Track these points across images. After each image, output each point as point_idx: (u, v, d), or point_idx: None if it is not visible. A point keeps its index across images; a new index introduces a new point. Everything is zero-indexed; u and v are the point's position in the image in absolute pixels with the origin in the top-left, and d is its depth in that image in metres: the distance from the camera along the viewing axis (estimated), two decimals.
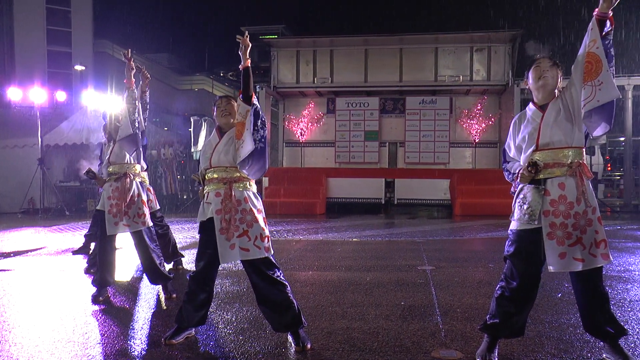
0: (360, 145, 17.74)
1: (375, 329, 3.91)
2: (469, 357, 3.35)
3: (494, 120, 17.41)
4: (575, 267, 3.11)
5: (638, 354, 3.41)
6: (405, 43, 17.49)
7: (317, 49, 17.82)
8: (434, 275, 5.97)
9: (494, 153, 17.70)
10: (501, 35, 16.92)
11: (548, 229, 3.13)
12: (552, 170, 3.16)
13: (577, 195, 3.11)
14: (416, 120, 17.58)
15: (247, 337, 3.78)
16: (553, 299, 4.94)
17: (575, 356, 3.36)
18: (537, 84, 3.24)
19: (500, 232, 10.34)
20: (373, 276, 6.00)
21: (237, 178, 3.60)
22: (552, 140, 3.17)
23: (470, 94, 17.68)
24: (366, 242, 8.98)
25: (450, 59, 17.38)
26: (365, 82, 17.52)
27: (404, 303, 4.71)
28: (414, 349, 3.50)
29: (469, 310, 4.50)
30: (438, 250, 8.08)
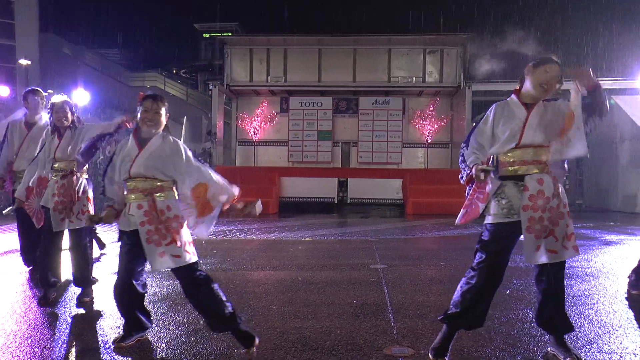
0: (314, 144, 17.78)
1: (328, 328, 3.91)
2: (421, 353, 3.39)
3: (446, 121, 17.71)
4: (549, 259, 3.23)
5: (579, 346, 3.52)
6: (359, 44, 17.61)
7: (271, 48, 17.76)
8: (386, 274, 6.01)
9: (446, 153, 18.01)
10: (453, 39, 17.22)
11: (527, 223, 3.22)
12: (530, 167, 3.27)
13: (553, 191, 3.23)
14: (369, 121, 17.73)
15: (199, 338, 3.72)
16: (502, 295, 5.04)
17: (522, 350, 3.44)
18: (538, 89, 3.29)
19: (452, 231, 10.51)
20: (326, 275, 6.00)
21: (158, 188, 3.50)
22: (534, 141, 3.27)
23: (423, 95, 17.94)
24: (319, 241, 8.99)
25: (404, 60, 17.59)
26: (319, 82, 17.55)
27: (356, 301, 4.73)
28: (367, 346, 3.52)
29: (421, 307, 4.55)
30: (390, 249, 8.15)
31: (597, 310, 4.47)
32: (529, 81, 3.33)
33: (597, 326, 4.03)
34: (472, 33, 17.11)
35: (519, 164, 3.29)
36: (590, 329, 3.92)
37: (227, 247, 8.20)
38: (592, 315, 4.29)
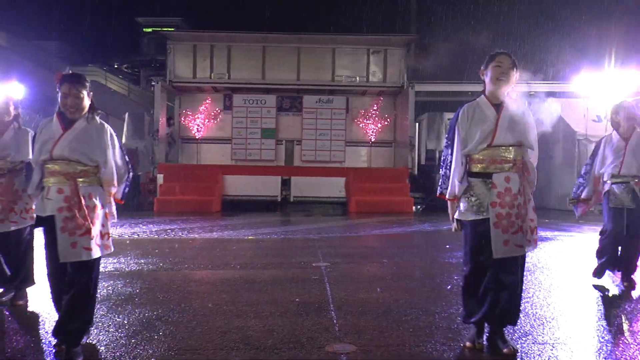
0: (257, 142, 17.69)
1: (270, 326, 3.92)
2: (362, 349, 3.43)
3: (389, 120, 17.93)
4: (517, 253, 3.37)
5: (515, 338, 3.65)
6: (303, 42, 17.61)
7: (214, 44, 17.55)
8: (328, 272, 6.06)
9: (389, 152, 18.23)
10: (397, 39, 17.45)
11: (495, 218, 3.35)
12: (498, 165, 3.41)
13: (519, 187, 3.37)
14: (313, 119, 17.77)
15: (139, 340, 3.66)
16: (443, 291, 5.18)
17: (462, 344, 3.53)
18: (496, 82, 3.43)
19: (394, 228, 10.67)
20: (268, 274, 6.00)
21: (81, 173, 3.36)
22: (505, 141, 3.42)
23: (367, 94, 18.10)
24: (262, 239, 8.97)
25: (348, 59, 17.69)
26: (263, 80, 17.47)
27: (299, 300, 4.75)
28: (309, 344, 3.55)
29: (363, 304, 4.61)
30: (333, 247, 8.21)
31: (532, 303, 4.65)
32: (488, 80, 3.48)
33: (533, 318, 4.19)
34: (416, 34, 17.39)
35: (489, 162, 3.43)
36: (526, 321, 4.07)
37: (169, 246, 8.08)
38: (527, 308, 4.45)
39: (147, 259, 6.78)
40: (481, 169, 3.43)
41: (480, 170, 3.43)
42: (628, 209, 5.33)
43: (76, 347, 3.30)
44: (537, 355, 3.36)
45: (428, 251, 8.13)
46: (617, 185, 5.38)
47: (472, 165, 3.46)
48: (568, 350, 3.48)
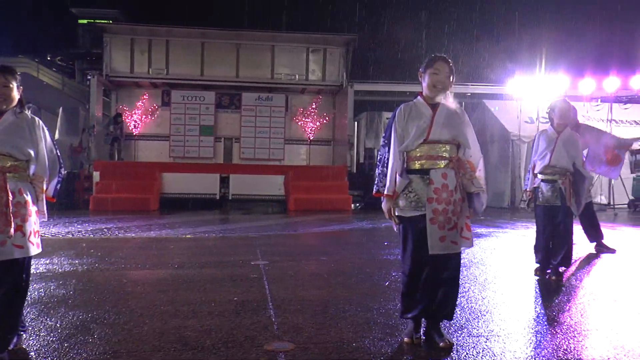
0: (196, 139, 17.51)
1: (208, 326, 3.90)
2: (301, 347, 3.46)
3: (328, 119, 18.07)
4: (452, 250, 3.44)
5: (451, 332, 3.75)
6: (242, 39, 17.53)
7: (152, 39, 17.24)
8: (267, 270, 6.07)
9: (328, 151, 18.37)
10: (337, 39, 17.60)
11: (431, 214, 3.41)
12: (436, 162, 3.48)
13: (455, 184, 3.45)
14: (252, 117, 17.72)
15: (72, 343, 3.56)
16: (381, 287, 5.27)
17: (399, 340, 3.61)
18: (433, 90, 3.52)
19: (333, 226, 10.77)
20: (207, 273, 5.96)
21: (11, 167, 3.23)
22: (441, 137, 3.49)
23: (306, 93, 18.19)
24: (200, 238, 8.89)
25: (287, 57, 17.72)
26: (202, 76, 17.30)
27: (237, 299, 4.74)
28: (247, 343, 3.55)
29: (302, 302, 4.64)
30: (272, 245, 8.22)
31: (467, 298, 4.79)
32: (425, 85, 3.56)
33: (468, 312, 4.32)
34: (355, 34, 17.57)
35: (426, 158, 3.50)
36: (461, 315, 4.19)
37: (105, 245, 7.91)
38: (463, 303, 4.58)
39: (82, 259, 6.62)
40: (419, 165, 3.51)
41: (418, 167, 3.51)
42: (555, 206, 5.66)
43: (2, 352, 3.19)
44: (472, 348, 3.47)
45: (366, 248, 8.25)
46: (545, 183, 5.72)
47: (410, 162, 3.54)
48: (501, 342, 3.61)
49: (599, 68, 17.98)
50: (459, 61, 25.37)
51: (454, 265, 3.52)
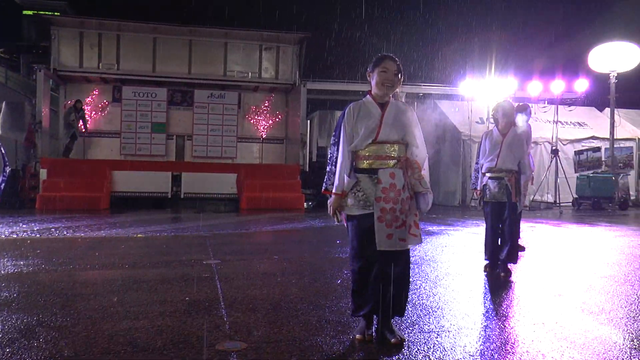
0: (147, 137, 17.22)
1: (159, 327, 3.86)
2: (253, 346, 3.46)
3: (281, 117, 18.05)
4: (400, 247, 3.50)
5: (403, 328, 3.82)
6: (195, 35, 17.33)
7: (103, 33, 16.85)
8: (219, 269, 6.04)
9: (281, 149, 18.35)
10: (290, 37, 17.57)
11: (379, 213, 3.47)
12: (384, 161, 3.54)
13: (403, 183, 3.51)
14: (204, 114, 17.55)
15: (15, 348, 3.45)
16: (333, 285, 5.31)
17: (351, 337, 3.65)
18: (381, 88, 3.57)
19: (285, 225, 10.78)
20: (158, 273, 5.90)
21: None
22: (389, 137, 3.55)
23: (259, 91, 18.12)
24: (152, 237, 8.77)
25: (240, 55, 17.62)
26: (154, 72, 17.02)
27: (188, 298, 4.70)
28: (199, 343, 3.53)
29: (253, 301, 4.64)
30: (224, 244, 8.18)
31: (419, 294, 4.88)
32: (373, 83, 3.61)
33: (419, 308, 4.41)
34: (308, 32, 17.59)
35: (374, 158, 3.55)
36: (413, 312, 4.27)
37: (52, 245, 7.72)
38: (415, 299, 4.67)
39: (27, 260, 6.44)
40: (367, 165, 3.56)
41: (367, 166, 3.56)
42: (501, 203, 5.85)
43: None
44: (423, 344, 3.54)
45: (319, 246, 8.30)
46: (492, 180, 5.90)
47: (359, 161, 3.59)
48: (452, 337, 3.69)
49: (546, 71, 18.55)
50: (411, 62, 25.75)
51: (403, 262, 3.58)
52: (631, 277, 5.78)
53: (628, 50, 15.90)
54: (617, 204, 15.44)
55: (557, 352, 3.41)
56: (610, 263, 6.67)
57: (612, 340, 3.66)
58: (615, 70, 15.94)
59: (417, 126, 3.66)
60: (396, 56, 3.64)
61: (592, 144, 17.09)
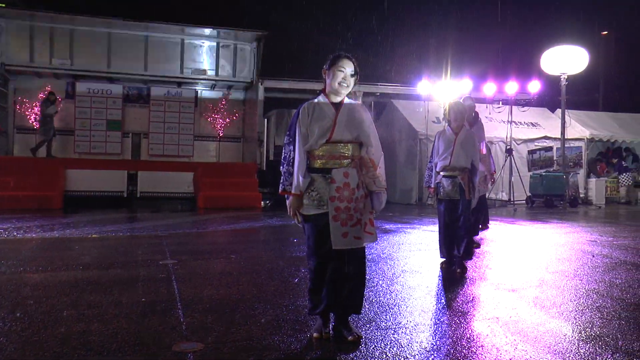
0: (102, 134, 16.90)
1: (114, 329, 3.80)
2: (210, 347, 3.44)
3: (238, 115, 17.95)
4: (355, 245, 3.52)
5: (360, 325, 3.86)
6: (151, 31, 17.09)
7: (55, 27, 16.44)
8: (176, 269, 5.98)
9: (238, 147, 18.26)
10: (247, 35, 17.49)
11: (333, 212, 3.48)
12: (337, 161, 3.54)
13: (357, 182, 3.52)
14: (161, 112, 17.33)
15: None
16: (290, 284, 5.32)
17: (308, 336, 3.65)
18: (337, 87, 3.58)
19: (242, 224, 10.73)
20: (113, 274, 5.80)
21: None
22: (343, 137, 3.56)
23: (216, 88, 17.98)
24: (107, 237, 8.61)
25: (197, 52, 17.46)
26: (109, 68, 16.72)
27: (144, 299, 4.64)
28: (155, 345, 3.49)
29: (210, 301, 4.61)
30: (181, 243, 8.10)
31: (376, 292, 4.93)
32: (329, 82, 3.61)
33: (377, 306, 4.45)
34: (266, 31, 17.53)
35: (328, 157, 3.56)
36: (370, 309, 4.32)
37: (1, 247, 7.51)
38: (372, 297, 4.72)
39: None
40: (321, 164, 3.57)
41: (320, 166, 3.57)
42: (455, 200, 5.98)
43: None
44: (380, 340, 3.58)
45: (276, 245, 8.29)
46: (446, 178, 6.02)
47: (313, 161, 3.59)
48: (408, 333, 3.75)
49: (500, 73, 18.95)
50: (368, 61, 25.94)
51: (359, 260, 3.61)
52: (580, 272, 5.96)
53: (577, 53, 16.36)
54: (568, 201, 15.89)
55: (511, 345, 3.50)
56: (561, 259, 6.86)
57: (562, 333, 3.78)
58: (565, 72, 16.37)
59: (372, 125, 3.69)
60: (353, 56, 3.66)
61: (544, 143, 17.53)
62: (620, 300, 4.76)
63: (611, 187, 17.92)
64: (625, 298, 4.85)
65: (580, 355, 3.34)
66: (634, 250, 7.60)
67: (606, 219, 12.70)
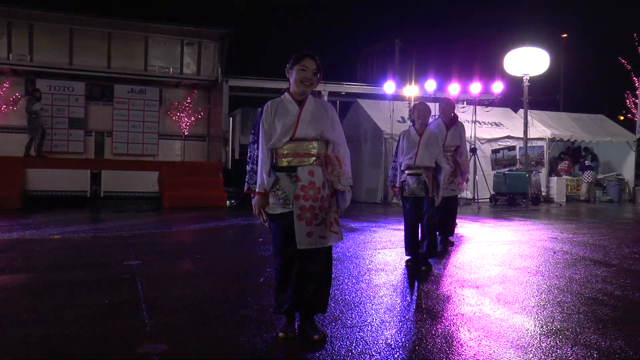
0: (64, 133, 16.55)
1: (77, 332, 3.73)
2: (175, 348, 3.42)
3: (203, 114, 17.81)
4: (320, 244, 3.52)
5: (326, 324, 3.87)
6: (114, 27, 16.81)
7: (13, 21, 16.01)
8: (140, 270, 5.90)
9: (203, 146, 18.11)
10: (211, 32, 17.35)
11: (298, 211, 3.48)
12: (302, 159, 3.53)
13: (323, 181, 3.52)
14: (125, 110, 17.07)
15: None
16: (256, 283, 5.31)
17: (275, 334, 3.66)
18: (299, 86, 3.57)
19: (208, 223, 10.65)
20: (76, 275, 5.70)
21: None
22: (307, 135, 3.54)
23: (181, 87, 17.82)
24: (69, 238, 8.44)
25: (161, 49, 17.27)
26: (70, 65, 16.38)
27: (108, 301, 4.57)
28: (119, 347, 3.45)
29: (176, 302, 4.57)
30: (146, 244, 8.00)
31: (342, 290, 4.95)
32: (292, 80, 3.60)
33: (342, 304, 4.47)
34: (231, 28, 17.42)
35: (293, 156, 3.55)
36: (336, 307, 4.34)
37: None
38: (337, 295, 4.73)
39: None
40: (286, 163, 3.56)
41: (286, 164, 3.56)
42: (420, 198, 6.08)
43: None
44: (346, 339, 3.60)
45: (241, 245, 8.25)
46: (410, 177, 6.10)
47: (278, 160, 3.59)
48: (374, 331, 3.78)
49: (465, 73, 19.20)
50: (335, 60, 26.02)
51: (324, 259, 3.62)
52: (542, 269, 6.09)
53: (539, 55, 16.66)
54: (530, 199, 16.21)
55: (475, 341, 3.55)
56: (524, 255, 6.99)
57: (524, 328, 3.87)
58: (527, 73, 16.66)
59: (337, 123, 3.70)
60: (317, 54, 3.66)
61: (507, 143, 17.81)
62: (579, 295, 4.88)
63: (571, 186, 18.33)
64: (584, 293, 4.98)
65: (542, 349, 3.42)
66: (592, 246, 7.79)
67: (567, 216, 12.99)
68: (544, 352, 3.36)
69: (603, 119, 20.83)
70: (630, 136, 19.57)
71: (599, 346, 3.50)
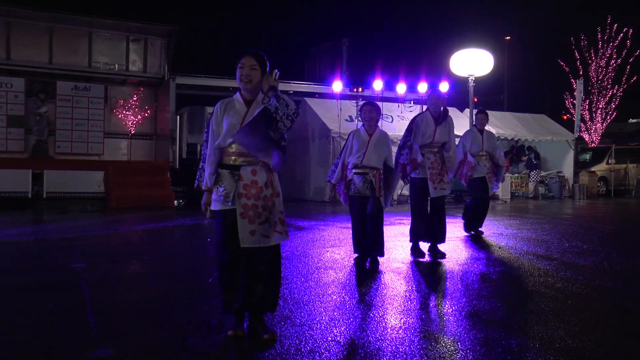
0: (3, 131, 15.97)
1: (19, 340, 3.62)
2: (122, 352, 3.37)
3: (150, 112, 17.51)
4: (264, 243, 3.55)
5: (275, 323, 3.89)
6: (56, 21, 16.32)
7: None
8: (86, 273, 5.78)
9: (150, 145, 17.83)
10: (158, 29, 17.08)
11: (241, 209, 3.51)
12: (246, 159, 3.56)
13: (266, 180, 3.56)
14: (68, 108, 16.59)
15: None
16: (205, 284, 5.28)
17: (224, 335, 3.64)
18: (240, 83, 3.61)
19: (156, 223, 10.51)
20: (17, 280, 5.52)
21: None
22: None
23: (127, 84, 17.48)
24: (9, 242, 8.17)
25: (106, 45, 16.88)
26: (8, 59, 15.81)
27: (53, 306, 4.46)
28: (65, 353, 3.38)
29: (124, 305, 4.51)
30: (92, 245, 7.83)
31: (291, 289, 4.98)
32: (237, 79, 3.63)
33: (291, 303, 4.50)
34: (177, 25, 17.19)
35: (238, 155, 3.58)
36: (285, 306, 4.36)
37: None
38: (286, 294, 4.76)
39: None
40: (232, 161, 3.60)
41: (231, 162, 3.60)
42: (365, 197, 6.18)
43: None
44: (296, 337, 3.62)
45: (190, 245, 8.19)
46: (357, 175, 6.20)
47: (225, 158, 3.63)
48: (323, 329, 3.82)
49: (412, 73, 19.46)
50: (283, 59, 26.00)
51: (272, 258, 3.65)
52: (487, 264, 6.26)
53: (483, 57, 17.06)
54: None
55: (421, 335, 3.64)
56: (469, 252, 7.17)
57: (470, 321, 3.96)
58: (473, 74, 17.04)
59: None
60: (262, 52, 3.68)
61: None
62: (523, 288, 5.07)
63: (516, 183, 18.88)
64: (528, 286, 5.17)
65: (487, 340, 3.53)
66: (535, 241, 8.06)
67: (511, 212, 13.38)
68: (489, 346, 3.47)
69: (544, 118, 21.57)
70: (569, 135, 20.38)
71: (541, 337, 3.64)
